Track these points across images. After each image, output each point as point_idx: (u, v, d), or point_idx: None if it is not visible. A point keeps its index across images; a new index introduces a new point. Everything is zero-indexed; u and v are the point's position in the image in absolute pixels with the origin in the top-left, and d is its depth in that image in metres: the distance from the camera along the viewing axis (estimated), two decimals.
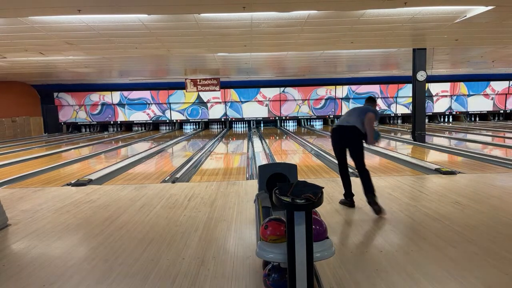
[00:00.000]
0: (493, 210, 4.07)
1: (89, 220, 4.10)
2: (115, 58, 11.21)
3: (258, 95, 19.25)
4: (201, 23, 7.05)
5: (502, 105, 19.88)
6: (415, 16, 6.93)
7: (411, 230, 3.56)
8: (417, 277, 2.58)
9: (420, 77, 10.37)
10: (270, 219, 2.33)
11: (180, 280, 2.62)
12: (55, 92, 18.76)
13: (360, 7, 6.22)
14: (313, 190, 2.09)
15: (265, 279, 2.34)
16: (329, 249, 2.20)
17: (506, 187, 5.19)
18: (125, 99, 19.11)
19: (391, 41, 9.38)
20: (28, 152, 10.94)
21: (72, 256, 3.10)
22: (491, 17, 7.01)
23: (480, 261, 2.81)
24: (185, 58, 12.08)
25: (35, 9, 5.86)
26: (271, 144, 11.83)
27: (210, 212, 4.26)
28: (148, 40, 8.38)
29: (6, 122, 16.34)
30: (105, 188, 5.66)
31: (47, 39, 7.89)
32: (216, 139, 13.92)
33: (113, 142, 14.25)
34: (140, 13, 6.31)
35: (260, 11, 6.37)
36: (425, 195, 4.83)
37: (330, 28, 7.68)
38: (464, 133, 13.98)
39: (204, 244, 3.28)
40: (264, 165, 3.38)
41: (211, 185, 5.73)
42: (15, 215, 4.30)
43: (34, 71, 13.44)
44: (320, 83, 19.07)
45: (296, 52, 10.84)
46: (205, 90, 16.66)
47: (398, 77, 18.34)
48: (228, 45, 9.30)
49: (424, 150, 9.48)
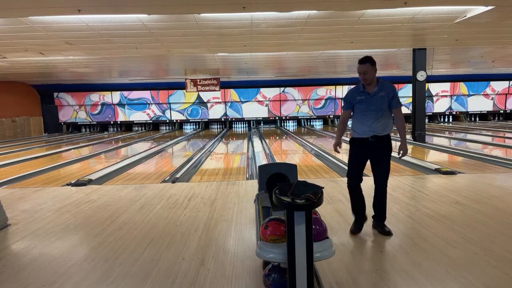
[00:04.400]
0: (493, 210, 4.07)
1: (89, 220, 4.10)
2: (115, 58, 11.20)
3: (258, 95, 19.25)
4: (201, 23, 7.05)
5: (502, 105, 19.88)
6: (415, 16, 6.92)
7: (411, 230, 3.56)
8: (417, 277, 2.58)
9: (420, 77, 10.37)
10: (270, 219, 2.33)
11: (180, 280, 2.62)
12: (55, 92, 18.76)
13: (360, 7, 6.22)
14: (313, 190, 2.09)
15: (265, 279, 2.33)
16: (329, 249, 2.20)
17: (506, 187, 5.19)
18: (125, 99, 19.10)
19: (391, 41, 9.38)
20: (28, 152, 10.94)
21: (72, 256, 3.10)
22: (491, 17, 7.00)
23: (480, 261, 2.81)
24: (185, 58, 12.08)
25: (35, 9, 5.86)
26: (271, 144, 11.83)
27: (210, 212, 4.25)
28: (148, 40, 8.37)
29: (6, 122, 16.33)
30: (105, 188, 5.66)
31: (47, 39, 7.88)
32: (216, 139, 13.92)
33: (113, 142, 14.24)
34: (140, 13, 6.31)
35: (260, 11, 6.37)
36: (425, 195, 4.83)
37: (330, 28, 7.68)
38: (464, 133, 13.98)
39: (204, 244, 3.28)
40: (264, 165, 3.38)
41: (211, 185, 5.72)
42: (15, 215, 4.30)
43: (34, 71, 13.43)
44: (320, 83, 19.07)
45: (296, 52, 10.84)
46: (205, 90, 16.66)
47: (398, 77, 18.33)
48: (228, 45, 9.30)
49: (424, 150, 9.47)
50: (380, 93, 3.29)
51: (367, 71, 3.26)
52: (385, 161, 3.40)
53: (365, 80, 3.29)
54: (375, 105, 3.29)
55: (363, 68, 3.26)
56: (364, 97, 3.32)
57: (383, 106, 3.31)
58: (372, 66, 3.26)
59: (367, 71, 3.26)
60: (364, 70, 3.26)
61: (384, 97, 3.29)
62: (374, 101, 3.30)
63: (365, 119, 3.34)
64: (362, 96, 3.33)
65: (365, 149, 3.37)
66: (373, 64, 3.28)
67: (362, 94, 3.34)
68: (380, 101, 3.30)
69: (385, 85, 3.33)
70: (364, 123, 3.34)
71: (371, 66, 3.25)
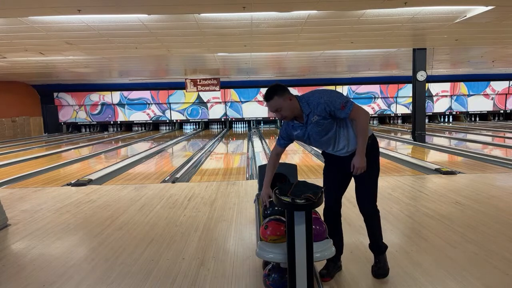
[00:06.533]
0: (493, 210, 4.07)
1: (89, 220, 4.10)
2: (115, 58, 11.20)
3: (258, 95, 19.24)
4: (201, 23, 7.05)
5: (502, 105, 19.87)
6: (415, 16, 6.92)
7: (411, 230, 3.56)
8: (417, 277, 2.58)
9: (420, 77, 10.37)
10: (270, 219, 2.33)
11: (180, 280, 2.62)
12: (55, 92, 18.75)
13: (360, 7, 6.22)
14: (313, 190, 2.09)
15: (265, 279, 2.34)
16: (329, 249, 2.20)
17: (506, 187, 5.19)
18: (125, 99, 19.10)
19: (391, 41, 9.38)
20: (28, 152, 10.94)
21: (72, 256, 3.10)
22: (491, 17, 7.00)
23: (480, 261, 2.81)
24: (185, 58, 12.08)
25: (35, 9, 5.86)
26: (271, 144, 11.82)
27: (210, 212, 4.25)
28: (148, 40, 8.38)
29: (6, 122, 16.33)
30: (105, 188, 5.66)
31: (47, 39, 7.88)
32: (216, 139, 13.91)
33: (113, 142, 14.24)
34: (140, 13, 6.31)
35: (260, 11, 6.37)
36: (425, 195, 4.83)
37: (330, 28, 7.68)
38: (464, 133, 13.98)
39: (204, 244, 3.28)
40: (264, 165, 3.37)
41: (211, 185, 5.72)
42: (15, 215, 4.30)
43: (34, 71, 13.43)
44: (320, 83, 19.05)
45: (296, 52, 10.83)
46: (205, 90, 16.65)
47: (398, 77, 18.33)
48: (228, 45, 9.30)
49: (424, 150, 9.47)
50: (312, 119, 2.38)
51: (280, 106, 2.36)
52: (366, 177, 2.50)
53: (286, 118, 2.43)
54: (319, 133, 2.42)
55: (271, 105, 2.36)
56: (300, 131, 2.46)
57: (328, 127, 2.41)
58: (282, 98, 2.34)
59: (281, 106, 2.36)
60: (274, 107, 2.36)
61: (321, 120, 2.37)
62: (314, 130, 2.41)
63: (323, 148, 2.60)
64: (298, 130, 2.47)
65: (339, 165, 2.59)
66: (283, 93, 2.35)
67: (297, 128, 2.47)
68: (321, 126, 2.39)
69: (311, 104, 2.37)
70: (327, 152, 2.61)
71: (280, 98, 2.34)
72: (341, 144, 2.48)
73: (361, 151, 2.38)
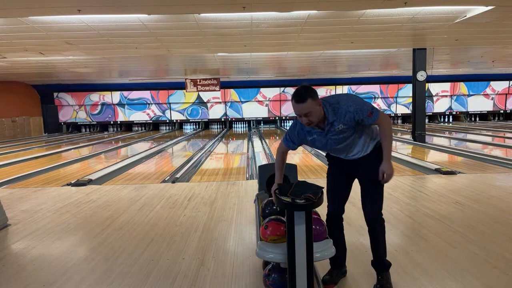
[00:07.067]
0: (493, 210, 4.07)
1: (89, 220, 4.10)
2: (115, 58, 11.20)
3: (258, 95, 19.25)
4: (201, 23, 7.05)
5: (502, 105, 19.87)
6: (415, 16, 6.92)
7: (411, 230, 3.56)
8: (417, 277, 2.58)
9: (420, 77, 10.37)
10: (270, 219, 2.33)
11: (180, 280, 2.62)
12: (55, 92, 18.75)
13: (360, 7, 6.22)
14: (313, 190, 2.09)
15: (265, 279, 2.34)
16: (329, 249, 2.20)
17: (506, 187, 5.19)
18: (125, 99, 19.10)
19: (391, 41, 9.38)
20: (28, 152, 10.94)
21: (72, 256, 3.10)
22: (491, 17, 7.00)
23: (480, 261, 2.81)
24: (185, 58, 12.08)
25: (35, 9, 5.86)
26: (271, 144, 11.82)
27: (210, 212, 4.25)
28: (148, 40, 8.37)
29: (6, 122, 16.33)
30: (105, 188, 5.66)
31: (47, 39, 7.88)
32: (216, 139, 13.91)
33: (113, 142, 14.24)
34: (140, 13, 6.31)
35: (260, 11, 6.37)
36: (425, 195, 4.83)
37: (330, 28, 7.68)
38: (464, 133, 13.98)
39: (204, 244, 3.28)
40: (264, 165, 3.38)
41: (211, 185, 5.72)
42: (15, 215, 4.30)
43: (34, 71, 13.43)
44: (320, 83, 19.04)
45: (296, 52, 10.83)
46: (205, 90, 16.66)
47: (398, 77, 18.33)
48: (228, 45, 9.30)
49: (424, 150, 9.47)
50: (337, 127, 2.26)
51: (311, 111, 2.17)
52: (372, 185, 2.43)
53: (311, 124, 2.23)
54: (338, 141, 2.31)
55: (304, 108, 2.16)
56: (317, 137, 2.33)
57: (348, 134, 2.30)
58: (315, 101, 2.17)
59: (311, 111, 2.18)
60: (305, 110, 2.17)
61: (345, 129, 2.27)
62: (333, 138, 2.30)
63: (335, 154, 2.50)
64: (314, 135, 2.33)
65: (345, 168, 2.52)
66: (316, 97, 2.18)
67: (313, 133, 2.33)
68: (343, 134, 2.29)
69: (337, 113, 2.24)
70: (336, 156, 2.52)
71: (314, 101, 2.16)
72: (355, 151, 2.41)
73: (389, 157, 2.33)
